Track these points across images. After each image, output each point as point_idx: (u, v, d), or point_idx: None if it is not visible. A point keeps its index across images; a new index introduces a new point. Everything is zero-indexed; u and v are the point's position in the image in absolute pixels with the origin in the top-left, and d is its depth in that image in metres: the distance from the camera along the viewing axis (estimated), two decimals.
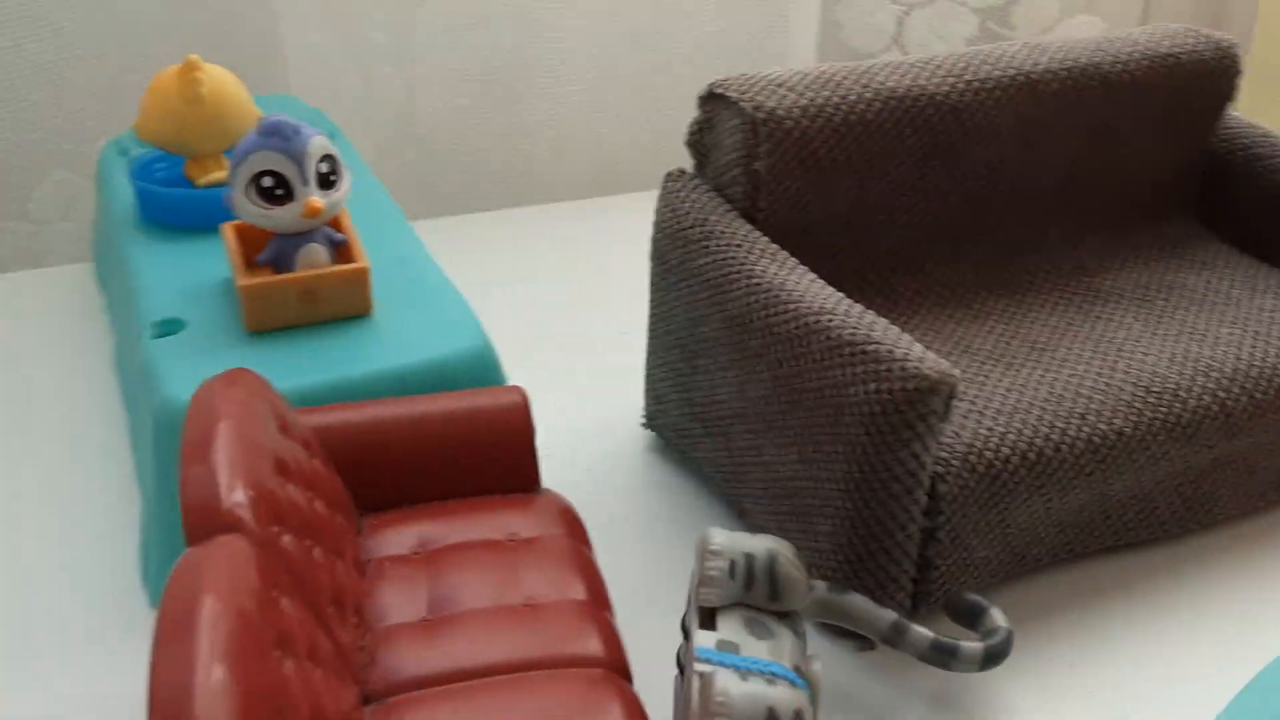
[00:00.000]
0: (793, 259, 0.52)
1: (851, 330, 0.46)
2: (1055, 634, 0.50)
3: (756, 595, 0.43)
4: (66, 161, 0.88)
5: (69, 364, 0.69)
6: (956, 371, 0.45)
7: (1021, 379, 0.53)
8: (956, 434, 0.48)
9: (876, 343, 0.45)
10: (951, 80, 0.59)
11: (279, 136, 0.54)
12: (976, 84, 0.60)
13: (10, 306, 0.76)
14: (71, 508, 0.56)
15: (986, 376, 0.53)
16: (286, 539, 0.35)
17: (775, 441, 0.51)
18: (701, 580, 0.43)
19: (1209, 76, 0.65)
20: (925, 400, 0.44)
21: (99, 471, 0.59)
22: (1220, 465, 0.54)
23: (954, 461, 0.47)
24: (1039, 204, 0.64)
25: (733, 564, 0.42)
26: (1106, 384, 0.53)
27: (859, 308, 0.48)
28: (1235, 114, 0.69)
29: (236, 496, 0.33)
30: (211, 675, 0.25)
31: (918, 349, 0.45)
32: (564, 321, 0.74)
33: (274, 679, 0.27)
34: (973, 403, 0.51)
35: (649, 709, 0.38)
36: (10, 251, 0.89)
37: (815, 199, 0.56)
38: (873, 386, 0.45)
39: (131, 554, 0.53)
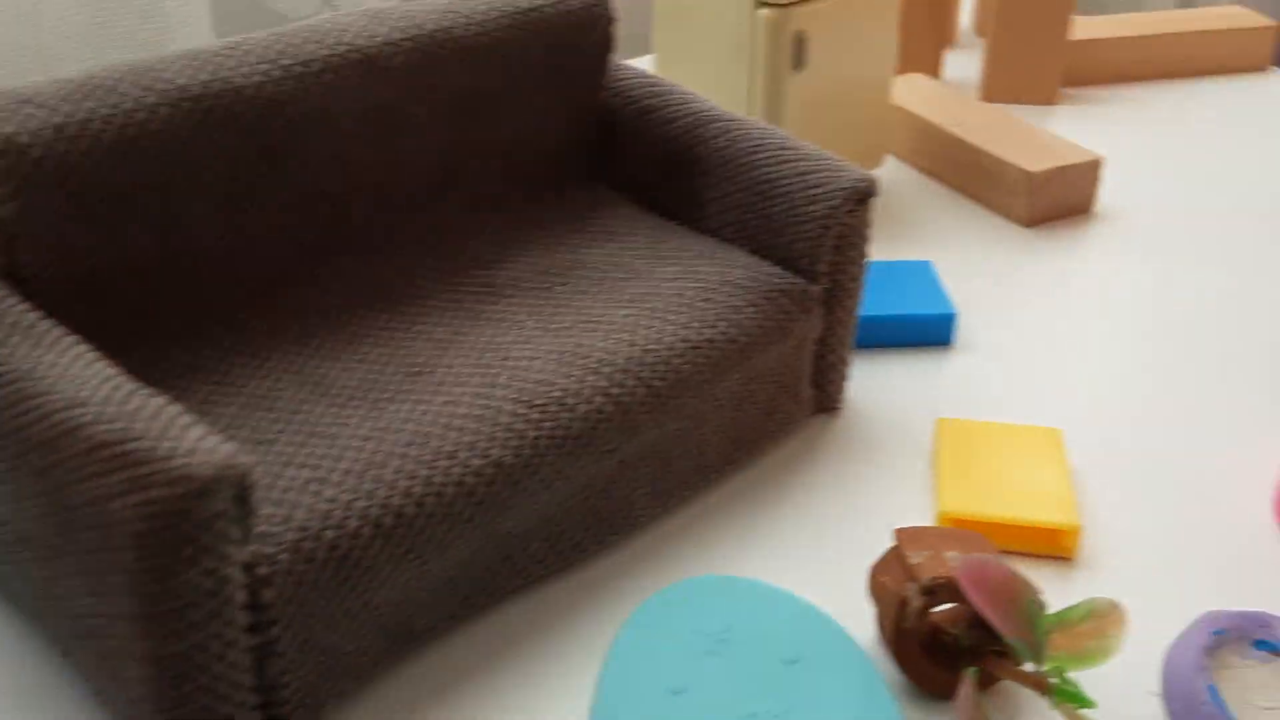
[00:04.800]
0: (61, 330, 0.40)
1: (108, 426, 0.36)
2: (464, 708, 0.41)
3: None
4: None
5: None
6: (246, 459, 0.35)
7: (385, 420, 0.45)
8: (287, 516, 0.39)
9: (136, 439, 0.35)
10: (264, 68, 0.49)
11: None
12: (299, 68, 0.50)
13: None
14: None
15: (344, 424, 0.45)
16: None
17: (63, 571, 0.40)
18: None
19: (581, 28, 0.60)
20: (203, 505, 0.35)
21: None
22: (629, 467, 0.48)
23: (281, 556, 0.38)
24: (412, 197, 0.55)
25: None
26: (484, 407, 0.45)
27: (128, 390, 0.37)
28: (631, 64, 0.65)
29: None
30: None
31: (191, 438, 0.35)
32: None
33: None
34: (315, 468, 0.42)
35: None
36: None
37: (102, 241, 0.45)
38: (133, 499, 0.35)
39: None
